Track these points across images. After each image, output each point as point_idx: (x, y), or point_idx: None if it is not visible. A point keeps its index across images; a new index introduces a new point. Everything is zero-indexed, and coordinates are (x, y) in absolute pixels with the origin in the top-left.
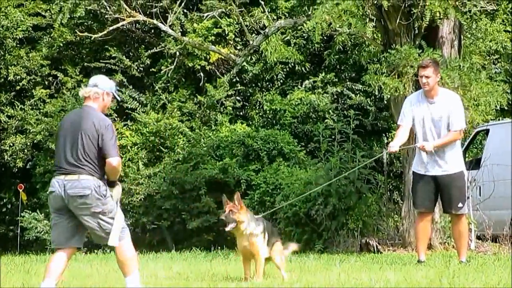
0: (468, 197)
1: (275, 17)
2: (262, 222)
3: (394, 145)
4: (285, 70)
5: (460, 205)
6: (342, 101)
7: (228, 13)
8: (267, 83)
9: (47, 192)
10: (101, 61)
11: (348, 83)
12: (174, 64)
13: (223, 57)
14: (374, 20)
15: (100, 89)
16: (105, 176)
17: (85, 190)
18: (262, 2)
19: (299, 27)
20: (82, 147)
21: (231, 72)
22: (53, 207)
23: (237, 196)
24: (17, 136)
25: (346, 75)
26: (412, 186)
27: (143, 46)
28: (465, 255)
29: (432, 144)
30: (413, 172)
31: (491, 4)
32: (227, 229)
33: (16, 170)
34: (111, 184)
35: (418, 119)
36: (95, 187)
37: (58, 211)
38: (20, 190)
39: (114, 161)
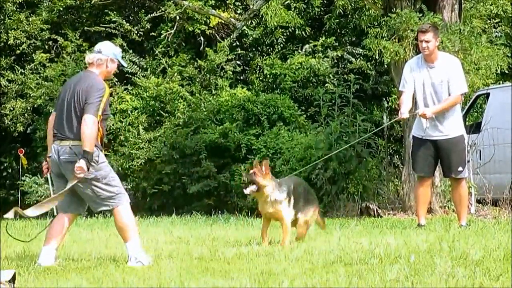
0: (468, 161)
1: None
2: (286, 187)
3: (404, 112)
4: (285, 34)
5: (460, 169)
6: (343, 65)
7: None
8: (267, 48)
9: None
10: (101, 25)
11: (348, 47)
12: (174, 28)
13: (223, 22)
14: None
15: (104, 55)
16: (99, 142)
17: (76, 156)
18: None
19: None
20: (74, 113)
21: (231, 37)
22: (53, 172)
23: (265, 162)
24: (17, 100)
25: (347, 39)
26: (412, 151)
27: (143, 10)
28: (465, 219)
29: (431, 111)
30: (413, 136)
31: None
32: (246, 191)
33: (17, 134)
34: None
35: (419, 84)
36: None
37: (57, 176)
38: (21, 155)
39: (88, 118)
